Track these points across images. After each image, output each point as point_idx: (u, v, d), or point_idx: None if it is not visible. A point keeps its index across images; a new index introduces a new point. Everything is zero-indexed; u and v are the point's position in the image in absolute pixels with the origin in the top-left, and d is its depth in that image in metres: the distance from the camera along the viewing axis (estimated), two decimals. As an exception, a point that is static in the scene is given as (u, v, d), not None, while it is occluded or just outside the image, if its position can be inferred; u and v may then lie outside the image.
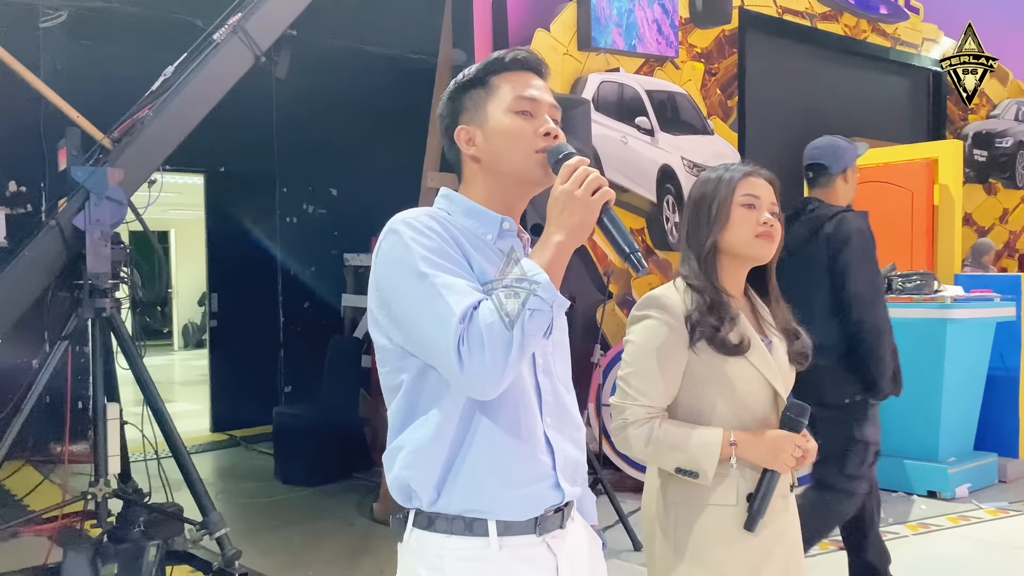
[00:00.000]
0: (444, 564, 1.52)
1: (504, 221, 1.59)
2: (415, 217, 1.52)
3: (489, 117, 1.58)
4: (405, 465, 1.53)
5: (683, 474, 1.96)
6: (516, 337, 1.38)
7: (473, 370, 1.39)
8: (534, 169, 1.55)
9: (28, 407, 3.49)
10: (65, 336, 3.61)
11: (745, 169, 2.09)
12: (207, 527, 3.60)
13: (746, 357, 1.98)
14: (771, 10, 7.67)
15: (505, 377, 1.41)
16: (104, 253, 3.60)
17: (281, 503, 5.73)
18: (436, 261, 1.46)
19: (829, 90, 8.37)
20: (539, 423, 1.56)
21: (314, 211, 8.53)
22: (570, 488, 1.59)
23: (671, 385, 2.00)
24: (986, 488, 5.61)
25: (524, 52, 1.62)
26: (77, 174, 3.58)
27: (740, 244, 2.03)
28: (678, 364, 1.98)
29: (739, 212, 2.03)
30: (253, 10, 3.99)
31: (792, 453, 1.94)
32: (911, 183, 6.41)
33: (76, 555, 3.41)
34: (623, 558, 4.25)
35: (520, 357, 1.40)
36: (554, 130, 1.56)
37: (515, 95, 1.57)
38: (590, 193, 1.44)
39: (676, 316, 1.99)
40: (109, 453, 3.63)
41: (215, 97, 3.88)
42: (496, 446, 1.50)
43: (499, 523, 1.52)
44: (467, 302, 1.41)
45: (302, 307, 8.39)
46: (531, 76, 1.60)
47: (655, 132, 6.57)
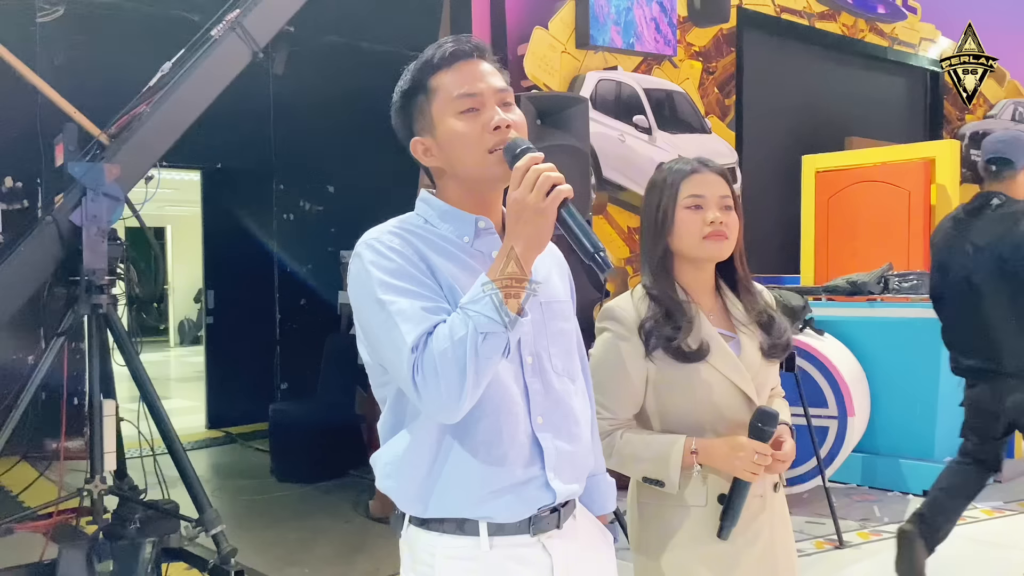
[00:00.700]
0: (435, 562, 1.52)
1: (479, 220, 1.55)
2: (376, 238, 1.49)
3: (436, 124, 1.51)
4: (384, 475, 1.55)
5: (650, 483, 1.94)
6: (469, 363, 1.34)
7: (429, 398, 1.37)
8: (492, 168, 1.48)
9: (24, 403, 3.47)
10: (61, 332, 3.59)
11: (687, 168, 1.99)
12: (203, 524, 3.59)
13: (708, 361, 1.92)
14: (769, 9, 7.67)
15: (463, 402, 1.37)
16: (101, 249, 3.58)
17: (277, 500, 5.72)
18: (393, 284, 1.43)
19: (826, 89, 8.38)
20: (525, 425, 1.52)
21: (311, 208, 8.53)
22: (563, 487, 1.55)
23: (632, 396, 1.97)
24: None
25: (451, 44, 1.52)
26: (74, 170, 3.56)
27: (689, 248, 1.97)
28: (636, 374, 1.95)
29: (683, 215, 1.96)
30: (251, 6, 3.97)
31: (754, 460, 1.86)
32: (908, 183, 6.41)
33: (71, 552, 3.40)
34: (620, 556, 4.24)
35: (477, 381, 1.36)
36: (503, 121, 1.48)
37: (456, 94, 1.49)
38: (542, 196, 1.36)
39: (628, 327, 1.95)
40: (105, 450, 3.61)
41: (212, 93, 3.87)
42: (475, 456, 1.48)
43: (490, 524, 1.51)
44: (420, 330, 1.38)
45: (298, 304, 8.39)
46: (469, 65, 1.51)
47: (653, 130, 6.57)
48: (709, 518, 1.93)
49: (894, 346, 5.49)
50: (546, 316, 1.59)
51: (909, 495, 5.44)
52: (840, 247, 6.65)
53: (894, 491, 5.51)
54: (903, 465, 5.52)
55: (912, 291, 5.52)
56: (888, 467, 5.57)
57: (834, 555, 4.44)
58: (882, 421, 5.57)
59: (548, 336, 1.59)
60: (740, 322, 2.02)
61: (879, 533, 4.74)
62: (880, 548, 4.51)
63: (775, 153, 7.35)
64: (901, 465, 5.53)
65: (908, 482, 5.51)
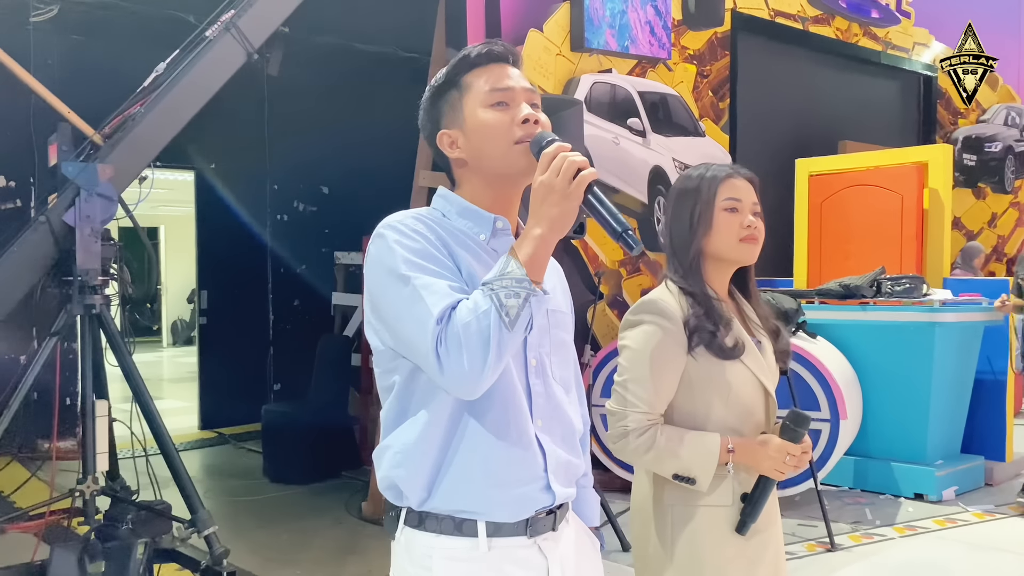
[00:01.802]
0: (433, 563, 1.52)
1: (497, 220, 1.57)
2: (400, 220, 1.52)
3: (466, 116, 1.55)
4: (393, 464, 1.54)
5: (680, 480, 1.96)
6: (493, 336, 1.36)
7: (452, 371, 1.37)
8: (517, 160, 1.52)
9: (16, 404, 3.46)
10: (54, 332, 3.59)
11: (726, 171, 2.06)
12: (195, 525, 3.59)
13: (741, 360, 1.98)
14: (763, 13, 7.68)
15: (485, 376, 1.38)
16: (94, 249, 3.58)
17: (269, 501, 5.72)
18: (418, 263, 1.45)
19: (820, 93, 8.40)
20: (530, 425, 1.54)
21: (305, 209, 8.53)
22: (562, 490, 1.58)
23: (670, 390, 1.99)
24: (973, 491, 5.64)
25: (489, 44, 1.59)
26: (68, 170, 3.56)
27: (725, 249, 2.02)
28: (676, 369, 1.97)
29: (722, 217, 2.02)
30: (246, 7, 3.97)
31: (787, 461, 1.94)
32: (901, 187, 6.43)
33: (63, 552, 3.39)
34: (612, 558, 4.25)
35: (499, 356, 1.38)
36: (532, 115, 1.53)
37: (488, 88, 1.54)
38: (568, 180, 1.39)
39: (674, 321, 1.97)
40: (97, 450, 3.61)
41: (207, 94, 3.87)
42: (484, 447, 1.50)
43: (488, 524, 1.51)
44: (445, 303, 1.39)
45: (292, 305, 8.40)
46: (501, 67, 1.57)
47: (647, 133, 6.58)
48: (734, 517, 1.98)
49: (886, 349, 5.51)
50: (550, 324, 1.62)
51: (901, 498, 5.46)
52: (833, 250, 6.66)
53: (886, 494, 5.53)
54: (895, 468, 5.54)
55: (904, 294, 5.54)
56: (880, 470, 5.59)
57: (825, 558, 4.45)
58: (874, 424, 5.59)
59: (551, 343, 1.61)
60: (757, 326, 2.09)
61: (871, 536, 4.76)
62: (872, 551, 4.53)
63: (769, 156, 7.36)
64: (893, 468, 5.55)
65: (900, 485, 5.53)
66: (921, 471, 5.47)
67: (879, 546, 4.58)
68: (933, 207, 6.35)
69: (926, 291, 5.59)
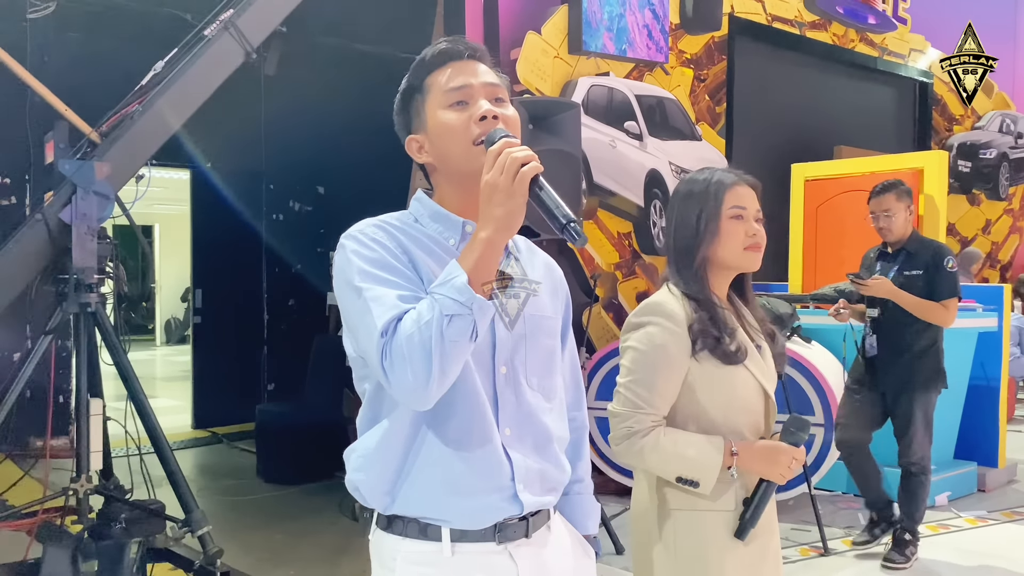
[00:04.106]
0: (396, 566, 1.51)
1: (467, 224, 1.54)
2: (360, 230, 1.51)
3: (428, 119, 1.54)
4: (355, 468, 1.55)
5: (683, 483, 1.95)
6: (435, 347, 1.32)
7: (398, 383, 1.36)
8: (477, 159, 1.44)
9: (10, 401, 3.45)
10: (49, 330, 3.58)
11: (732, 178, 2.05)
12: (189, 525, 3.58)
13: (744, 364, 1.99)
14: (761, 18, 7.71)
15: (431, 388, 1.35)
16: (90, 247, 3.57)
17: (263, 501, 5.71)
18: (372, 273, 1.44)
19: (817, 98, 8.42)
20: (495, 433, 1.50)
21: (300, 208, 8.52)
22: (533, 499, 1.53)
23: (674, 391, 1.99)
24: (966, 497, 5.65)
25: (447, 42, 1.56)
26: (64, 167, 3.55)
27: (730, 257, 2.03)
28: (679, 371, 1.97)
29: (728, 225, 2.01)
30: (245, 6, 3.97)
31: (789, 465, 1.95)
32: (896, 192, 6.43)
33: (56, 551, 3.38)
34: (605, 561, 4.25)
35: (444, 366, 1.34)
36: (490, 111, 1.49)
37: (446, 88, 1.52)
38: (511, 178, 1.35)
39: (679, 323, 1.97)
40: (91, 449, 3.60)
41: (204, 93, 3.86)
42: (444, 456, 1.47)
43: (453, 530, 1.49)
44: (390, 315, 1.37)
45: (287, 304, 8.38)
46: (461, 64, 1.54)
47: (644, 137, 6.59)
48: (736, 522, 1.98)
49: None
50: (529, 329, 1.58)
51: (895, 502, 5.45)
52: (828, 255, 6.67)
53: (879, 499, 5.52)
54: (888, 473, 5.53)
55: (899, 300, 5.52)
56: (873, 475, 5.58)
57: (819, 562, 4.46)
58: (868, 429, 5.58)
59: (528, 350, 1.57)
60: (756, 331, 2.09)
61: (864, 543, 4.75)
62: (865, 555, 4.54)
63: (765, 161, 7.37)
64: (886, 473, 5.54)
65: (894, 490, 5.51)
66: (914, 476, 5.46)
67: (872, 551, 4.58)
68: (928, 213, 6.37)
69: (921, 297, 5.58)
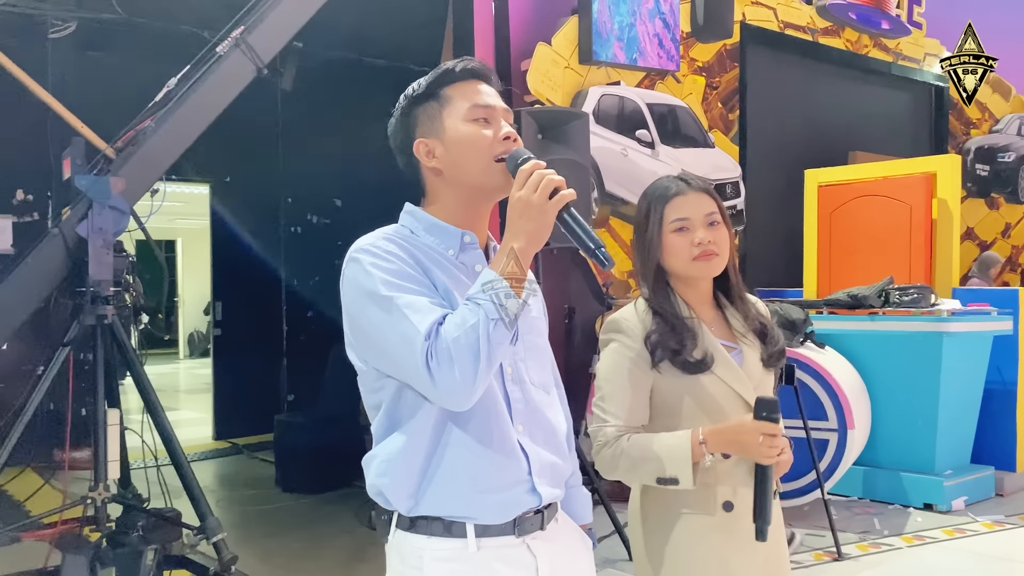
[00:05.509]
0: (424, 564, 1.56)
1: (465, 235, 1.62)
2: (372, 243, 1.56)
3: (446, 128, 1.60)
4: (379, 473, 1.59)
5: (664, 483, 1.93)
6: (482, 348, 1.41)
7: (444, 384, 1.42)
8: (495, 176, 1.57)
9: (30, 413, 3.53)
10: (67, 343, 3.65)
11: (672, 190, 2.02)
12: (204, 531, 3.64)
13: (712, 372, 1.97)
14: (773, 25, 7.72)
15: (476, 387, 1.44)
16: (106, 261, 3.65)
17: (280, 510, 5.77)
18: (397, 283, 1.50)
19: (830, 104, 8.41)
20: (511, 431, 1.58)
21: (318, 221, 8.61)
22: (548, 491, 1.62)
23: (641, 405, 1.99)
24: (983, 501, 5.62)
25: (473, 62, 1.65)
26: (80, 183, 3.63)
27: (680, 269, 2.03)
28: (643, 384, 1.99)
29: (671, 240, 2.01)
30: (256, 23, 4.05)
31: (764, 442, 1.86)
32: (909, 197, 6.44)
33: (75, 559, 3.45)
34: (618, 567, 4.27)
35: (489, 367, 1.43)
36: (512, 133, 1.59)
37: (470, 104, 1.60)
38: (546, 197, 1.46)
39: (634, 338, 1.99)
40: (109, 458, 3.67)
41: (217, 109, 3.93)
42: (468, 455, 1.54)
43: (477, 525, 1.56)
44: (431, 319, 1.45)
45: (305, 316, 8.46)
46: (481, 84, 1.63)
47: (656, 145, 6.62)
48: (718, 525, 1.96)
49: (895, 359, 5.51)
50: (522, 330, 1.65)
51: (910, 508, 5.45)
52: (842, 261, 6.67)
53: (895, 504, 5.52)
54: (904, 478, 5.53)
55: (912, 304, 5.54)
56: (889, 480, 5.58)
57: (833, 567, 4.45)
58: (883, 434, 5.59)
59: (525, 349, 1.66)
60: (740, 333, 2.06)
61: (878, 546, 4.75)
62: (879, 560, 4.53)
63: (778, 167, 7.38)
64: (902, 478, 5.54)
65: (909, 495, 5.52)
66: (930, 481, 5.46)
67: (886, 556, 4.58)
68: (942, 217, 6.36)
69: (934, 301, 5.59)
